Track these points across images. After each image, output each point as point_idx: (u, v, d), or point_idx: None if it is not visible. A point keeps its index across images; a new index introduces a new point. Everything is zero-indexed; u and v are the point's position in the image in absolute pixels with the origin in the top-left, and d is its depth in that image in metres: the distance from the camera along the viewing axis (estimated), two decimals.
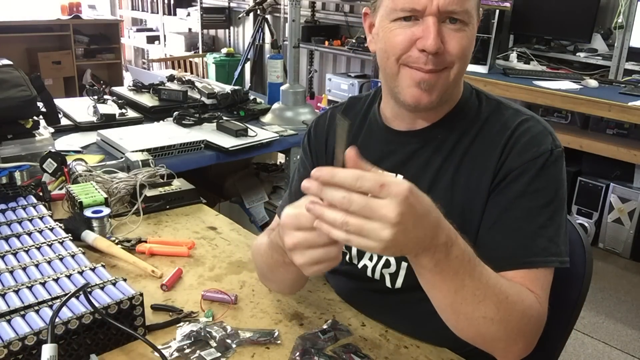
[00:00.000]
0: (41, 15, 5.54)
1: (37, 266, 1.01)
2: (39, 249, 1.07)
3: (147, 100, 2.47)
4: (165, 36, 6.86)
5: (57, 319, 0.82)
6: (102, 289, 0.93)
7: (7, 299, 0.89)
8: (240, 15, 5.72)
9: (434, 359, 0.94)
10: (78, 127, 2.16)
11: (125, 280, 0.96)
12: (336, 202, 0.66)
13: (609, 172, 3.28)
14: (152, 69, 6.65)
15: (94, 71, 5.98)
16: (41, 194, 1.35)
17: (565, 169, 0.95)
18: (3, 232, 1.13)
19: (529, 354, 0.88)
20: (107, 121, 2.18)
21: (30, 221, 1.19)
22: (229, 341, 0.92)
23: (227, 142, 2.07)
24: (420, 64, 0.90)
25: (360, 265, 1.05)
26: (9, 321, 0.84)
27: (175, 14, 6.58)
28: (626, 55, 3.36)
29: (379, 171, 0.68)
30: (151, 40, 7.00)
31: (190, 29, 6.74)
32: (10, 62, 1.80)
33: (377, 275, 1.03)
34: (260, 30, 5.59)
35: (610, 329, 2.62)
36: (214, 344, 0.91)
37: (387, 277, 1.02)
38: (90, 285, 0.93)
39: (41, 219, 1.20)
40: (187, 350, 0.90)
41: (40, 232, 1.14)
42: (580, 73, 3.52)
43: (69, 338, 0.84)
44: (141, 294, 0.91)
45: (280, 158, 2.95)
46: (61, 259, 1.03)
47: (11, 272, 0.98)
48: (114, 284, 0.95)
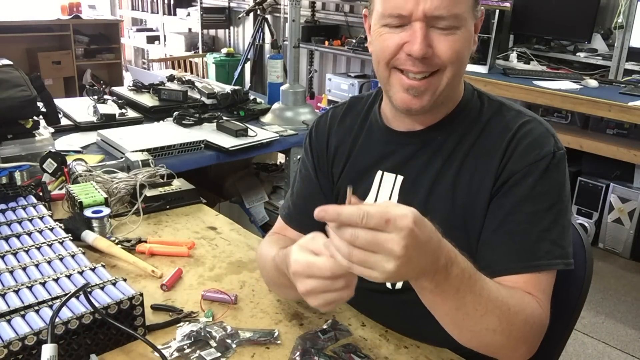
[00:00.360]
0: (41, 15, 5.54)
1: (37, 266, 1.01)
2: (39, 249, 1.07)
3: (147, 100, 2.47)
4: (165, 36, 6.86)
5: (57, 319, 0.82)
6: (102, 289, 0.93)
7: (7, 299, 0.89)
8: (240, 15, 5.72)
9: (434, 359, 0.94)
10: (78, 127, 2.16)
11: (125, 280, 0.96)
12: (344, 238, 0.68)
13: (609, 172, 3.28)
14: (152, 69, 6.65)
15: (94, 71, 5.98)
16: (41, 194, 1.35)
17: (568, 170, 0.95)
18: (3, 232, 1.13)
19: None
20: (107, 121, 2.18)
21: (30, 221, 1.19)
22: (229, 341, 0.92)
23: (227, 142, 2.07)
24: (409, 67, 0.90)
25: None
26: (9, 321, 0.84)
27: (175, 14, 6.58)
28: (626, 55, 3.36)
29: (383, 201, 0.70)
30: (151, 40, 7.00)
31: (190, 29, 6.74)
32: (10, 62, 1.81)
33: None
34: (260, 30, 5.59)
35: (610, 329, 2.62)
36: (214, 344, 0.91)
37: None
38: (90, 285, 0.93)
39: (41, 219, 1.20)
40: (187, 350, 0.90)
41: (40, 232, 1.14)
42: (580, 73, 3.52)
43: (69, 338, 0.84)
44: (141, 294, 0.91)
45: (280, 158, 2.95)
46: (61, 259, 1.03)
47: (11, 272, 0.98)
48: (114, 284, 0.95)
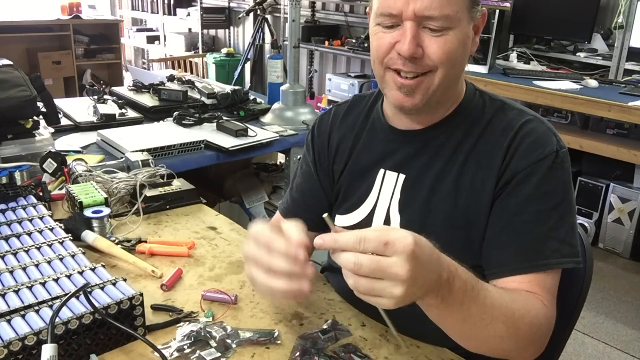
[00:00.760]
0: (41, 15, 5.53)
1: (37, 266, 1.01)
2: (39, 249, 1.07)
3: (147, 100, 2.47)
4: (165, 36, 6.86)
5: (57, 319, 0.82)
6: (102, 289, 0.93)
7: (7, 299, 0.89)
8: (240, 15, 5.73)
9: (434, 359, 0.94)
10: (78, 127, 2.16)
11: (125, 280, 0.96)
12: (348, 268, 0.67)
13: (609, 172, 3.28)
14: (152, 69, 6.65)
15: (94, 71, 5.98)
16: (41, 194, 1.34)
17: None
18: (3, 232, 1.13)
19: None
20: (107, 121, 2.18)
21: (30, 221, 1.19)
22: (229, 341, 0.92)
23: (227, 142, 2.07)
24: (399, 65, 0.91)
25: None
26: (9, 321, 0.83)
27: (175, 14, 6.58)
28: (626, 55, 3.36)
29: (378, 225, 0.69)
30: (151, 40, 7.00)
31: (190, 29, 6.74)
32: (10, 62, 1.80)
33: None
34: (260, 30, 5.60)
35: (610, 329, 2.62)
36: (214, 344, 0.91)
37: None
38: (90, 285, 0.93)
39: (41, 219, 1.20)
40: (187, 350, 0.90)
41: (40, 232, 1.14)
42: (580, 73, 3.52)
43: (69, 338, 0.84)
44: (141, 294, 0.91)
45: (280, 158, 2.95)
46: (61, 259, 1.03)
47: (11, 272, 0.98)
48: (114, 284, 0.95)
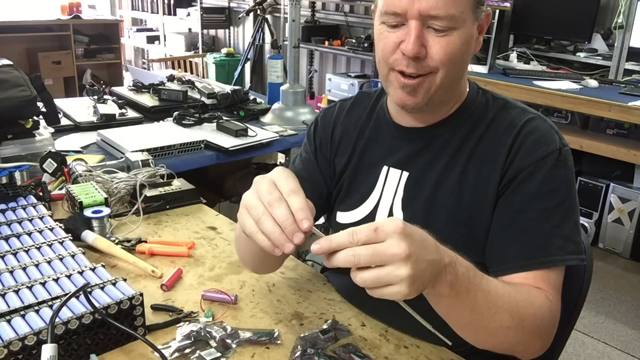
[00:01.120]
0: (41, 15, 5.53)
1: (37, 266, 1.01)
2: (39, 249, 1.07)
3: (147, 100, 2.47)
4: (165, 36, 6.86)
5: (57, 319, 0.82)
6: (102, 289, 0.93)
7: (7, 299, 0.89)
8: (240, 15, 5.73)
9: (434, 358, 0.94)
10: (78, 127, 2.16)
11: (125, 280, 0.96)
12: (348, 263, 0.68)
13: (609, 172, 3.28)
14: (152, 69, 6.66)
15: (94, 71, 5.98)
16: (41, 194, 1.34)
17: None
18: (3, 232, 1.13)
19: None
20: (107, 121, 2.18)
21: (30, 221, 1.19)
22: (229, 341, 0.92)
23: (227, 142, 2.07)
24: (403, 67, 0.91)
25: None
26: (9, 321, 0.83)
27: (175, 14, 6.58)
28: (626, 55, 3.36)
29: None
30: (151, 40, 7.00)
31: (190, 29, 6.74)
32: (10, 62, 1.80)
33: None
34: (260, 30, 5.60)
35: (610, 329, 2.62)
36: (214, 344, 0.91)
37: None
38: (90, 285, 0.93)
39: (41, 219, 1.20)
40: (187, 350, 0.90)
41: (40, 232, 1.14)
42: (580, 73, 3.52)
43: (69, 338, 0.84)
44: (141, 294, 0.91)
45: (280, 158, 2.95)
46: (61, 259, 1.03)
47: (11, 272, 0.98)
48: (114, 284, 0.95)
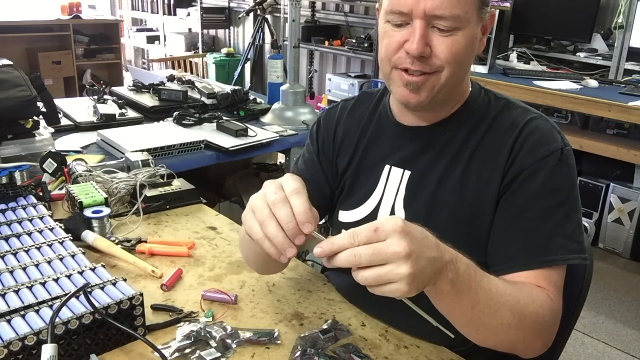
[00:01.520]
0: (41, 15, 5.54)
1: (37, 266, 1.01)
2: (39, 249, 1.07)
3: (147, 100, 2.47)
4: (165, 36, 6.86)
5: (57, 319, 0.82)
6: (102, 289, 0.93)
7: (7, 299, 0.89)
8: (240, 15, 5.73)
9: (434, 358, 0.94)
10: (78, 127, 2.16)
11: (125, 280, 0.96)
12: (349, 263, 0.69)
13: (609, 172, 3.28)
14: (152, 69, 6.66)
15: (94, 71, 5.98)
16: (41, 194, 1.34)
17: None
18: (3, 232, 1.13)
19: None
20: (107, 121, 2.18)
21: (30, 221, 1.19)
22: (229, 341, 0.92)
23: (227, 142, 2.07)
24: (407, 65, 0.91)
25: None
26: (9, 321, 0.83)
27: (175, 14, 6.58)
28: (626, 55, 3.36)
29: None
30: (151, 40, 7.00)
31: (190, 29, 6.74)
32: (10, 62, 1.80)
33: None
34: (260, 30, 5.60)
35: (610, 329, 2.62)
36: (214, 344, 0.91)
37: None
38: (90, 285, 0.93)
39: (41, 219, 1.20)
40: (187, 350, 0.90)
41: (40, 232, 1.14)
42: (580, 73, 3.52)
43: (69, 338, 0.84)
44: (141, 294, 0.91)
45: (280, 158, 2.95)
46: (61, 259, 1.03)
47: (11, 272, 0.98)
48: (114, 284, 0.95)
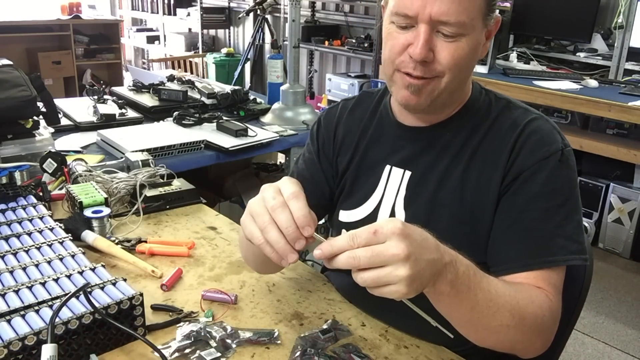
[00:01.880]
0: (41, 15, 5.54)
1: (37, 266, 1.01)
2: (39, 249, 1.07)
3: (147, 100, 2.47)
4: (165, 36, 6.86)
5: (57, 319, 0.82)
6: (102, 289, 0.93)
7: (7, 299, 0.89)
8: (240, 15, 5.73)
9: (434, 358, 0.94)
10: (78, 127, 2.16)
11: (125, 280, 0.96)
12: (348, 265, 0.69)
13: (609, 172, 3.28)
14: (152, 69, 6.66)
15: (94, 71, 5.98)
16: (41, 194, 1.34)
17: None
18: (3, 232, 1.13)
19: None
20: (107, 121, 2.18)
21: (30, 221, 1.19)
22: (229, 341, 0.92)
23: (227, 142, 2.07)
24: (409, 69, 0.91)
25: None
26: (9, 321, 0.83)
27: (175, 14, 6.58)
28: (626, 55, 3.36)
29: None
30: (151, 40, 7.00)
31: (190, 29, 6.75)
32: (10, 62, 1.80)
33: None
34: (260, 30, 5.60)
35: (610, 329, 2.62)
36: (214, 344, 0.91)
37: None
38: (90, 285, 0.93)
39: (41, 219, 1.20)
40: (187, 350, 0.90)
41: (40, 232, 1.14)
42: (580, 73, 3.52)
43: (69, 338, 0.84)
44: (141, 294, 0.91)
45: (280, 158, 2.95)
46: (61, 259, 1.03)
47: (11, 272, 0.98)
48: (114, 284, 0.95)
